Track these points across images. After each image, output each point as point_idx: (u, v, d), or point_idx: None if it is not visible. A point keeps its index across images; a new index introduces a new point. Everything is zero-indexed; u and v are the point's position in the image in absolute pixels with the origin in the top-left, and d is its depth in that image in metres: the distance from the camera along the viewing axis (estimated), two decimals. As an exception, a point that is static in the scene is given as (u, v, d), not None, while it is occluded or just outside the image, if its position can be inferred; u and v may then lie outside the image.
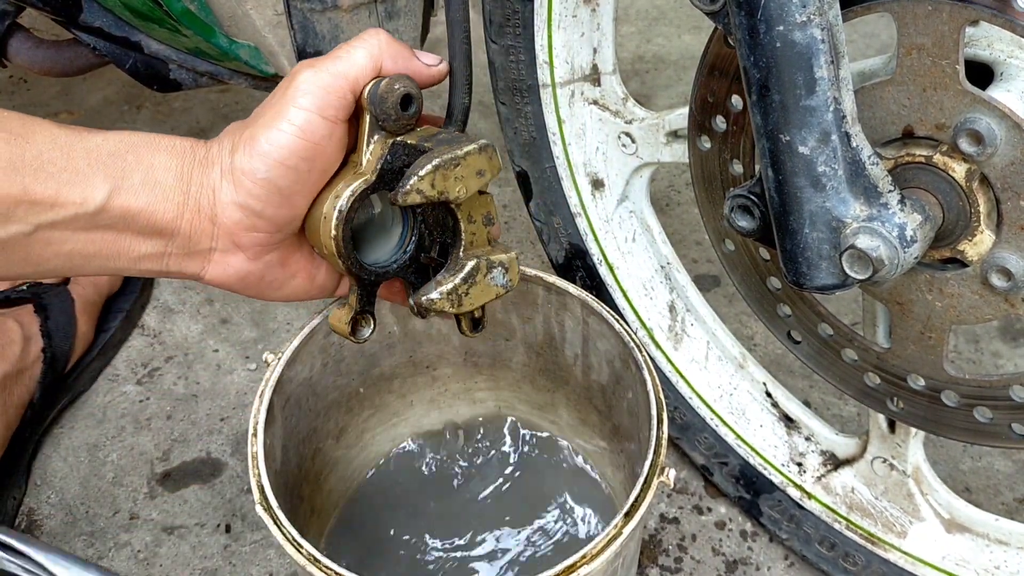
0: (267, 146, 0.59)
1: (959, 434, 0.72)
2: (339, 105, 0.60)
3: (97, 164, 0.58)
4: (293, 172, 0.60)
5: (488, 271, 0.66)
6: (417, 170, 0.60)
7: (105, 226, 0.59)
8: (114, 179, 0.58)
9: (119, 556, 0.98)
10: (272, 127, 0.59)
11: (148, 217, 0.59)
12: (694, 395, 0.97)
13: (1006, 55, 0.62)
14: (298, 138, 0.59)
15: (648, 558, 0.97)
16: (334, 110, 0.60)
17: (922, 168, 0.62)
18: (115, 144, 0.59)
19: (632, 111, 0.89)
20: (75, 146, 0.58)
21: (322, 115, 0.59)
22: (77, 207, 0.57)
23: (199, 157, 0.61)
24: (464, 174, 0.62)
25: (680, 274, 0.97)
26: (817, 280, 0.61)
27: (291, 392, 0.81)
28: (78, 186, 0.57)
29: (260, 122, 0.60)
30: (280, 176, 0.59)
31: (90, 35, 0.89)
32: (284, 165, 0.59)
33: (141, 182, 0.59)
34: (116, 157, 0.58)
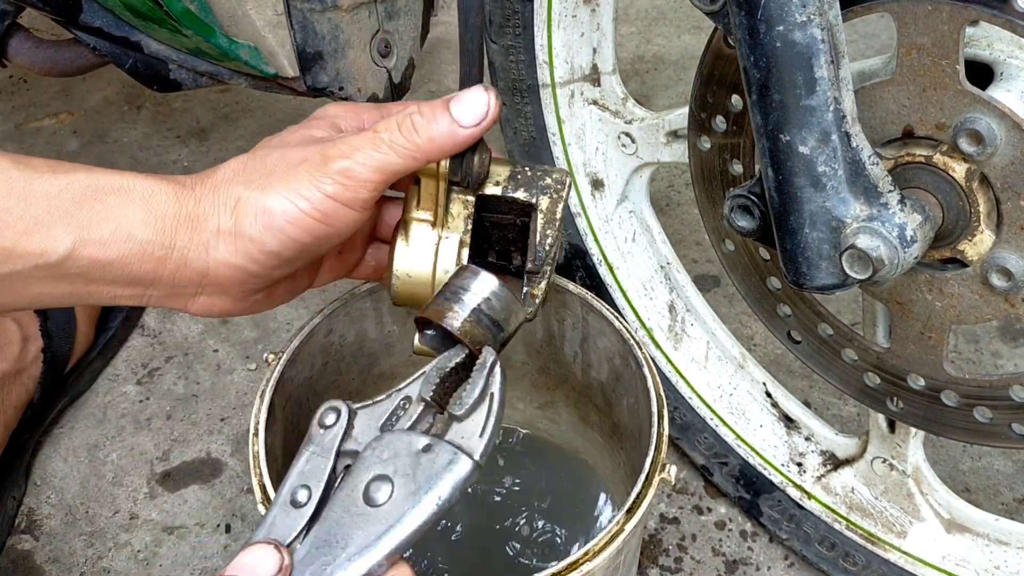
0: (283, 222, 0.55)
1: (959, 434, 0.72)
2: (372, 199, 0.57)
3: (59, 212, 0.52)
4: (305, 249, 0.57)
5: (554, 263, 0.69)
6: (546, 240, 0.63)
7: (73, 275, 0.54)
8: (79, 229, 0.53)
9: (119, 556, 0.98)
10: (290, 201, 0.55)
11: (122, 269, 0.55)
12: (694, 395, 0.97)
13: (1006, 55, 0.62)
14: (319, 223, 0.56)
15: (648, 558, 0.97)
16: (362, 203, 0.57)
17: (922, 168, 0.62)
18: (81, 189, 0.54)
19: (632, 111, 0.89)
20: (35, 192, 0.52)
21: (351, 207, 0.56)
22: (37, 258, 0.52)
23: (186, 212, 0.55)
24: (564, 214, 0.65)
25: (680, 274, 0.97)
26: (817, 280, 0.61)
27: (292, 392, 0.81)
28: (37, 236, 0.52)
29: (277, 186, 0.55)
30: (291, 250, 0.56)
31: (90, 35, 0.89)
32: (298, 242, 0.56)
33: (111, 234, 0.54)
34: (81, 205, 0.53)
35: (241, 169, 0.58)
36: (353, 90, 0.87)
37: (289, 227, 0.55)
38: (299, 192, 0.55)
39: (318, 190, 0.55)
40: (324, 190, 0.55)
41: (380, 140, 0.56)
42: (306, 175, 0.55)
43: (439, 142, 0.57)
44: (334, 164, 0.56)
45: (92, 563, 0.97)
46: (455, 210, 0.62)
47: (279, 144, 0.59)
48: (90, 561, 0.97)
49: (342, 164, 0.56)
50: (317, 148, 0.57)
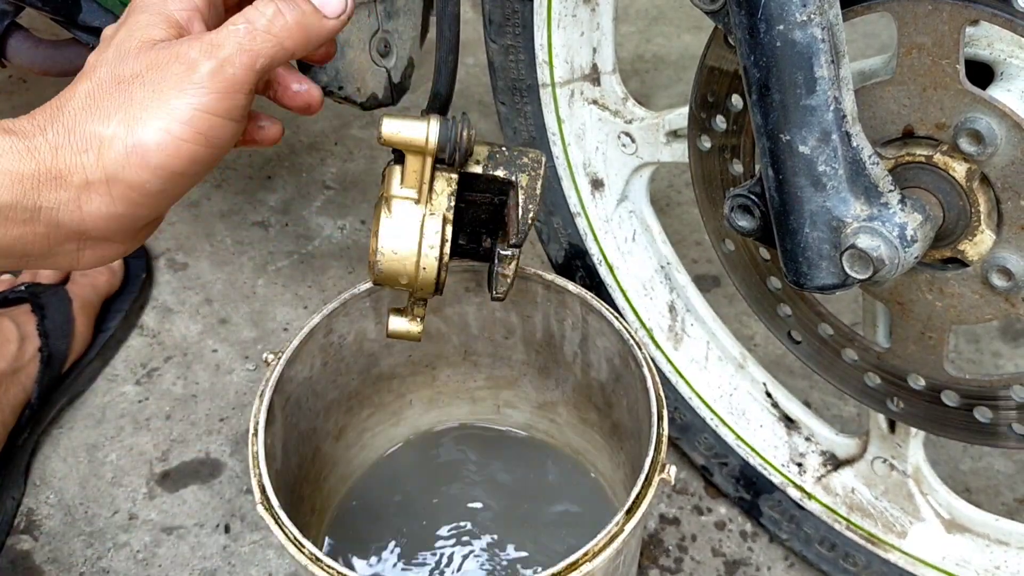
0: (161, 157, 0.48)
1: (959, 434, 0.72)
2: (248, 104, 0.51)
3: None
4: (189, 178, 0.51)
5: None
6: (528, 214, 0.66)
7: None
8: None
9: (118, 556, 0.98)
10: (163, 131, 0.48)
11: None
12: (694, 395, 0.97)
13: (1006, 55, 0.62)
14: (201, 147, 0.49)
15: (648, 558, 0.97)
16: (240, 111, 0.50)
17: (922, 168, 0.62)
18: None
19: (632, 111, 0.89)
20: None
21: (230, 118, 0.50)
22: None
23: (45, 168, 0.48)
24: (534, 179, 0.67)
25: (680, 274, 0.97)
26: (817, 280, 0.61)
27: (291, 392, 0.80)
28: None
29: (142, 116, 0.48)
30: (175, 184, 0.50)
31: (89, 34, 0.89)
32: (181, 174, 0.50)
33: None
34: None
35: (90, 101, 0.50)
36: (352, 90, 0.87)
37: (168, 160, 0.49)
38: (170, 116, 0.48)
39: (191, 108, 0.48)
40: (198, 105, 0.48)
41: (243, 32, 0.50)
42: (173, 93, 0.48)
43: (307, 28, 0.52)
44: (200, 69, 0.49)
45: (91, 563, 0.97)
46: (438, 187, 0.63)
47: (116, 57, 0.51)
48: (89, 561, 0.97)
49: (209, 66, 0.49)
50: (172, 54, 0.49)
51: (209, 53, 0.49)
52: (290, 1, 0.52)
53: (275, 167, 1.49)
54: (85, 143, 0.49)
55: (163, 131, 0.48)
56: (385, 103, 0.91)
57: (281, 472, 0.78)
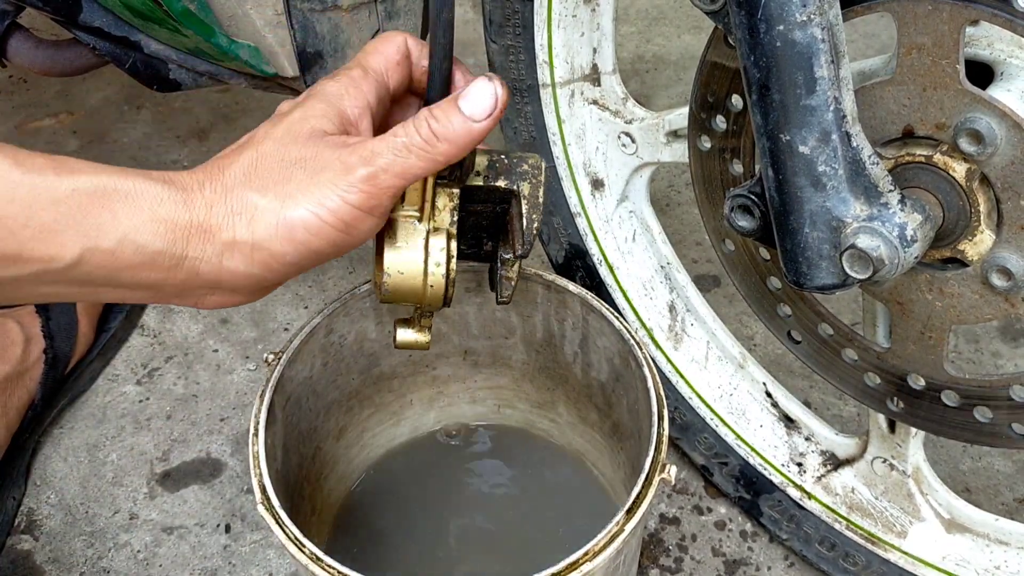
0: (305, 235, 0.54)
1: (959, 434, 0.72)
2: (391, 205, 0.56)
3: (66, 220, 0.51)
4: (322, 256, 0.56)
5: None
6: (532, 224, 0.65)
7: (81, 280, 0.53)
8: (86, 238, 0.51)
9: (119, 556, 0.98)
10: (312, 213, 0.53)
11: (131, 276, 0.53)
12: (694, 395, 0.97)
13: (1006, 55, 0.62)
14: (341, 232, 0.54)
15: (648, 558, 0.97)
16: (383, 210, 0.56)
17: (922, 168, 0.62)
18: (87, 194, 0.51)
19: (632, 111, 0.89)
20: (39, 197, 0.50)
21: (372, 214, 0.55)
22: (44, 264, 0.51)
23: (197, 221, 0.53)
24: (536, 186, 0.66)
25: (680, 274, 0.97)
26: (817, 280, 0.61)
27: (292, 392, 0.81)
28: (43, 243, 0.50)
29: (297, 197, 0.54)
30: (308, 260, 0.55)
31: (90, 35, 0.89)
32: (317, 252, 0.55)
33: (119, 243, 0.52)
34: (87, 213, 0.51)
35: (252, 170, 0.55)
36: (353, 90, 0.86)
37: (311, 239, 0.54)
38: (321, 203, 0.53)
39: (342, 200, 0.54)
40: (348, 200, 0.54)
41: (400, 146, 0.55)
42: (328, 185, 0.54)
43: (457, 142, 0.56)
44: (357, 172, 0.54)
45: (92, 563, 0.97)
46: (440, 203, 0.63)
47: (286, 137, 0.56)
48: (90, 561, 0.97)
49: (364, 172, 0.54)
50: (335, 155, 0.55)
51: (367, 161, 0.55)
52: (445, 114, 0.56)
53: (275, 167, 1.49)
54: (240, 207, 0.54)
55: (312, 213, 0.53)
56: (385, 103, 0.90)
57: (281, 472, 0.78)
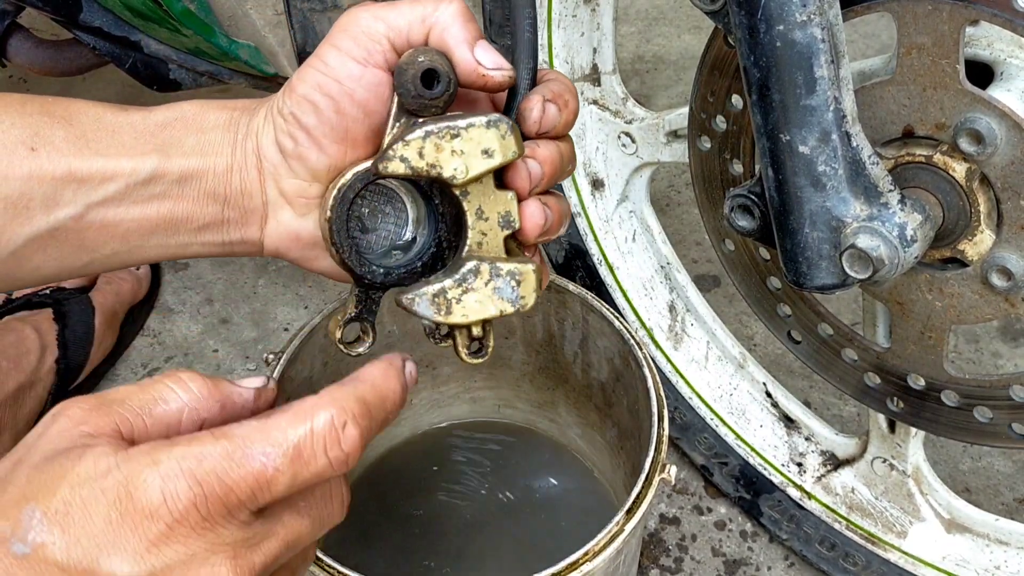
0: (296, 80, 0.56)
1: (959, 434, 0.72)
2: (370, 48, 0.55)
3: (145, 135, 0.56)
4: (318, 109, 0.55)
5: (492, 278, 0.54)
6: (404, 134, 0.52)
7: (159, 195, 0.57)
8: (164, 147, 0.56)
9: (119, 556, 0.98)
10: (306, 64, 0.56)
11: (202, 178, 0.57)
12: (694, 395, 0.97)
13: (1006, 55, 0.62)
14: (322, 73, 0.55)
15: (648, 558, 0.97)
16: (364, 52, 0.55)
17: (922, 168, 0.62)
18: (163, 115, 0.57)
19: (632, 111, 0.89)
20: (121, 124, 0.56)
21: (349, 54, 0.55)
22: (127, 177, 0.55)
23: (250, 107, 0.59)
24: (464, 149, 0.52)
25: (680, 274, 0.97)
26: (817, 280, 0.61)
27: (292, 392, 0.80)
28: (126, 158, 0.55)
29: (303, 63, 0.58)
30: (304, 112, 0.56)
31: (90, 35, 0.89)
32: (307, 99, 0.55)
33: (192, 145, 0.57)
34: (164, 127, 0.57)
35: None
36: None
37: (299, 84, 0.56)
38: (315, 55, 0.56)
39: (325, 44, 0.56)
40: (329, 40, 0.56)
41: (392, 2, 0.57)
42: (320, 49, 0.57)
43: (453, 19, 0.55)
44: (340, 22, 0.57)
45: (92, 563, 0.97)
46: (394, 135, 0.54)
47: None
48: (90, 561, 0.97)
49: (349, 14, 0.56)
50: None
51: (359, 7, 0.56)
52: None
53: (275, 167, 1.49)
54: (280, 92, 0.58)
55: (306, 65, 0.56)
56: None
57: (281, 472, 0.78)
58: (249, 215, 0.59)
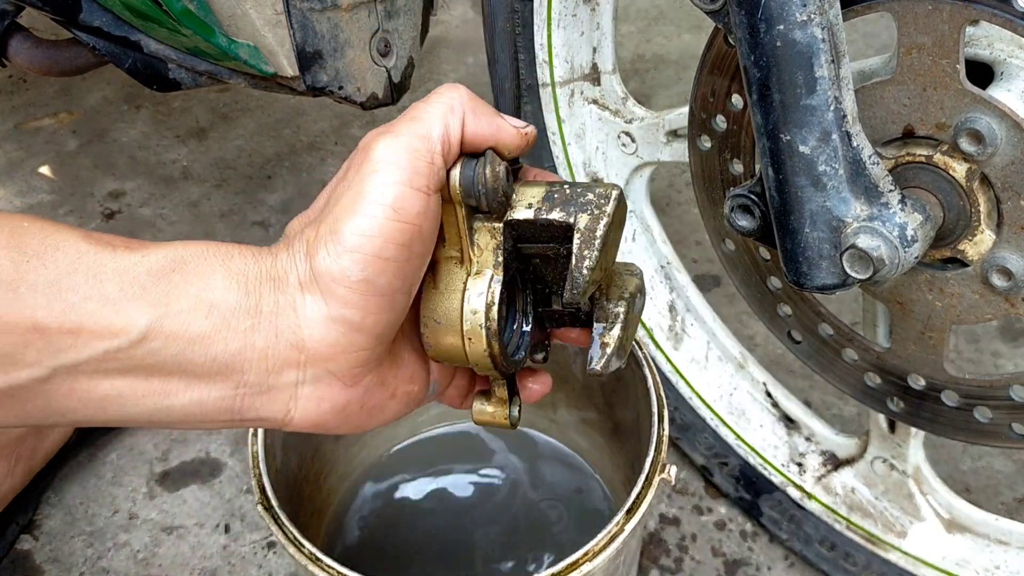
0: (356, 238, 0.47)
1: (959, 434, 0.72)
2: (428, 172, 0.49)
3: (133, 287, 0.46)
4: (393, 264, 0.48)
5: (633, 304, 0.58)
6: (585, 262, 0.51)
7: (148, 367, 0.47)
8: (156, 305, 0.46)
9: (118, 556, 0.98)
10: (357, 213, 0.47)
11: (205, 349, 0.47)
12: (694, 395, 0.97)
13: (1006, 55, 0.62)
14: (392, 220, 0.47)
15: (648, 558, 0.97)
16: (424, 179, 0.48)
17: (922, 168, 0.62)
18: (156, 261, 0.47)
19: (632, 110, 0.89)
20: (105, 268, 0.46)
21: (413, 186, 0.48)
22: (108, 340, 0.45)
23: (265, 269, 0.49)
24: (615, 236, 0.53)
25: (680, 274, 0.97)
26: (817, 280, 0.61)
27: (291, 392, 0.80)
28: (107, 316, 0.45)
29: (338, 209, 0.48)
30: (379, 273, 0.48)
31: (89, 35, 0.89)
32: (381, 258, 0.47)
33: (192, 307, 0.47)
34: (158, 278, 0.47)
35: (307, 219, 0.52)
36: (352, 89, 0.87)
37: (365, 241, 0.47)
38: (358, 197, 0.48)
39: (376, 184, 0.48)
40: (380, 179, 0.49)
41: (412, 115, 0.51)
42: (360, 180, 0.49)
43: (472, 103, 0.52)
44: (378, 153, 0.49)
45: (91, 563, 0.97)
46: (482, 242, 0.53)
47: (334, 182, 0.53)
48: (89, 561, 0.97)
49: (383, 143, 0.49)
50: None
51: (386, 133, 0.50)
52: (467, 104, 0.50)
53: (275, 167, 1.49)
54: (298, 247, 0.49)
55: (349, 212, 0.48)
56: (385, 103, 0.90)
57: (281, 472, 0.78)
58: (273, 393, 0.50)
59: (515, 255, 0.55)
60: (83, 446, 1.06)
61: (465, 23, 1.74)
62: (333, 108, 1.59)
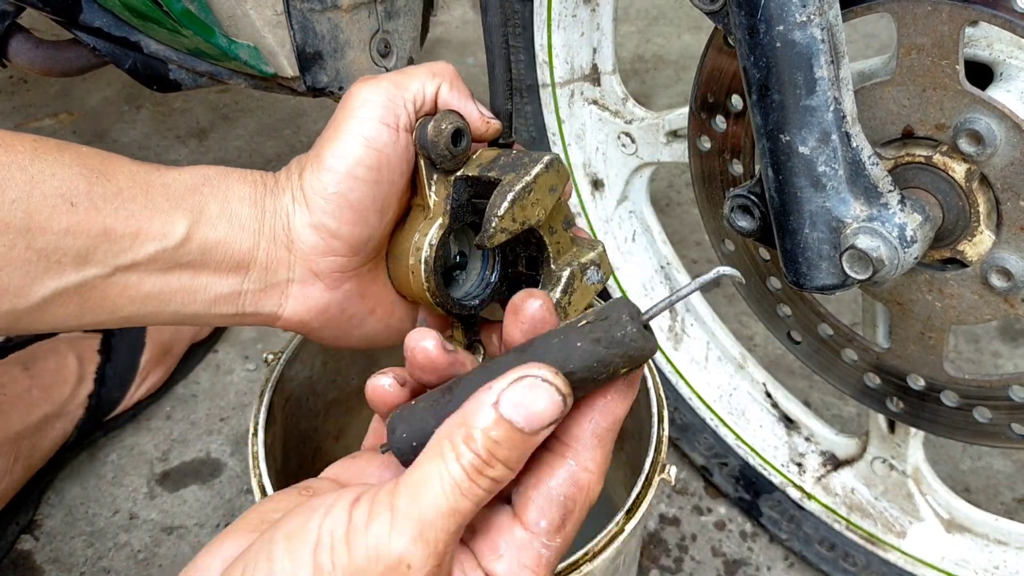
0: (332, 160, 0.58)
1: (959, 434, 0.72)
2: (399, 113, 0.59)
3: (176, 199, 0.56)
4: (362, 183, 0.58)
5: (583, 273, 0.63)
6: (495, 210, 0.58)
7: (184, 264, 0.57)
8: (193, 213, 0.57)
9: (118, 556, 0.98)
10: (335, 140, 0.58)
11: (226, 249, 0.58)
12: (694, 395, 0.97)
13: (1006, 55, 0.62)
14: (363, 146, 0.58)
15: (648, 558, 0.97)
16: (394, 117, 0.59)
17: (922, 168, 0.62)
18: (191, 178, 0.58)
19: (632, 111, 0.89)
20: (153, 183, 0.56)
21: (383, 122, 0.58)
22: (158, 242, 0.55)
23: (269, 186, 0.60)
24: (539, 197, 0.59)
25: (680, 274, 0.97)
26: (817, 280, 0.61)
27: (291, 391, 0.81)
28: (158, 221, 0.55)
29: (322, 140, 0.59)
30: (350, 188, 0.58)
31: (90, 35, 0.89)
32: (352, 176, 0.58)
33: (218, 214, 0.58)
34: (193, 191, 0.57)
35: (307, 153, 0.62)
36: (353, 90, 0.87)
37: (338, 162, 0.57)
38: (338, 129, 0.59)
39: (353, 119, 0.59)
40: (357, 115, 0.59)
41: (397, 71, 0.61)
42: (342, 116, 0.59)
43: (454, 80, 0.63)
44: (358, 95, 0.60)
45: (92, 563, 0.97)
46: (439, 193, 0.62)
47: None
48: (90, 561, 0.97)
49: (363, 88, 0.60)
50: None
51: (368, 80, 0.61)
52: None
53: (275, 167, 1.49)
54: (294, 169, 0.60)
55: (330, 140, 0.59)
56: (385, 103, 0.90)
57: (281, 472, 0.78)
58: (269, 290, 0.60)
59: (472, 209, 0.62)
60: (83, 446, 1.06)
61: (465, 23, 1.74)
62: (333, 109, 1.60)
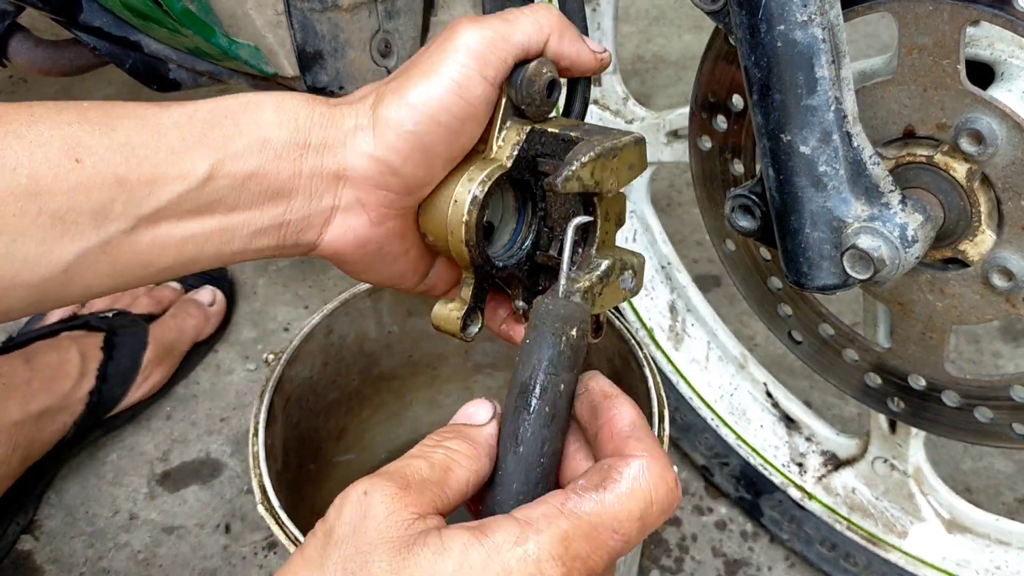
0: (416, 97, 0.54)
1: (960, 434, 0.72)
2: (500, 67, 0.55)
3: (193, 137, 0.52)
4: (443, 130, 0.55)
5: (620, 272, 0.60)
6: (579, 156, 0.55)
7: (214, 202, 0.53)
8: (215, 149, 0.53)
9: (119, 556, 0.98)
10: (425, 77, 0.54)
11: (261, 180, 0.54)
12: (695, 395, 0.96)
13: (1007, 55, 0.62)
14: (455, 94, 0.54)
15: (649, 558, 0.97)
16: (494, 71, 0.55)
17: (923, 168, 0.62)
18: (208, 112, 0.54)
19: (632, 111, 0.89)
20: (164, 124, 0.52)
21: (482, 74, 0.55)
22: (178, 184, 0.52)
23: (319, 114, 0.55)
24: (619, 167, 0.57)
25: (681, 274, 0.97)
26: (818, 280, 0.61)
27: (291, 392, 0.81)
28: (175, 163, 0.51)
29: (410, 73, 0.55)
30: (428, 132, 0.54)
31: (90, 35, 0.89)
32: (435, 120, 0.54)
33: (247, 146, 0.53)
34: (212, 125, 0.53)
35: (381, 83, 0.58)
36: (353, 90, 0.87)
37: (424, 103, 0.54)
38: (432, 68, 0.55)
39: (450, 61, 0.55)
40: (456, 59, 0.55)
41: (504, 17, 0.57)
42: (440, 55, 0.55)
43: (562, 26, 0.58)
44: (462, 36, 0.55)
45: (92, 563, 0.97)
46: (508, 137, 0.58)
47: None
48: (90, 561, 0.97)
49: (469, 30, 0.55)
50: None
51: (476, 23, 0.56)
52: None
53: (275, 167, 1.49)
54: (369, 100, 0.56)
55: (421, 76, 0.55)
56: (386, 103, 0.90)
57: (281, 472, 0.78)
58: (312, 218, 0.57)
59: (533, 168, 0.58)
60: (83, 446, 1.06)
61: (465, 23, 1.74)
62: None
